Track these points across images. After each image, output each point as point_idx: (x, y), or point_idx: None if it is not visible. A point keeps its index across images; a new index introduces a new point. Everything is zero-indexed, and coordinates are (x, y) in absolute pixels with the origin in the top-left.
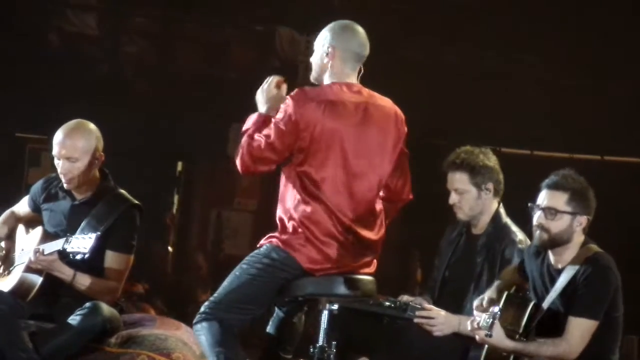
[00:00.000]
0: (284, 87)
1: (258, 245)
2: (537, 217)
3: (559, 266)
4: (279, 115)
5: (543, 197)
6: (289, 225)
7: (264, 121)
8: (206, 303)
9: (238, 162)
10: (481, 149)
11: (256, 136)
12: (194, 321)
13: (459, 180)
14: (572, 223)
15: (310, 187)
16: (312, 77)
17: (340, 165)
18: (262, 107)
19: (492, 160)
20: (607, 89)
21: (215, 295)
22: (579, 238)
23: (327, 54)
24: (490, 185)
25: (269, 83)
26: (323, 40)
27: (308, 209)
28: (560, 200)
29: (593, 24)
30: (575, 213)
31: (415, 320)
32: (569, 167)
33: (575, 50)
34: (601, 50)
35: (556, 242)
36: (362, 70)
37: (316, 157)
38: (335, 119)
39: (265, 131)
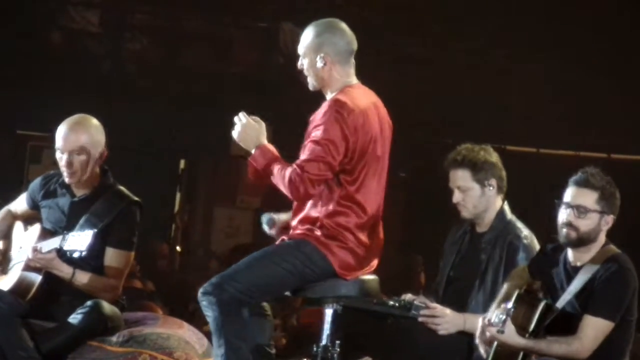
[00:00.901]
0: (254, 117)
1: (288, 237)
2: (565, 215)
3: (578, 264)
4: (325, 133)
5: (572, 195)
6: (325, 228)
7: (270, 151)
8: (219, 276)
9: (294, 193)
10: (482, 146)
11: (301, 162)
12: (203, 290)
13: (461, 178)
14: (600, 222)
15: (350, 194)
16: (313, 86)
17: (372, 169)
18: (255, 140)
19: (493, 157)
20: (615, 86)
21: (231, 271)
22: (603, 237)
23: (324, 65)
24: (493, 182)
25: (246, 119)
26: (311, 50)
27: (346, 217)
28: (590, 198)
29: (601, 23)
30: (603, 212)
31: (420, 319)
32: (593, 166)
33: (583, 49)
34: (609, 49)
35: (583, 240)
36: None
37: (357, 164)
38: (370, 124)
39: (313, 153)
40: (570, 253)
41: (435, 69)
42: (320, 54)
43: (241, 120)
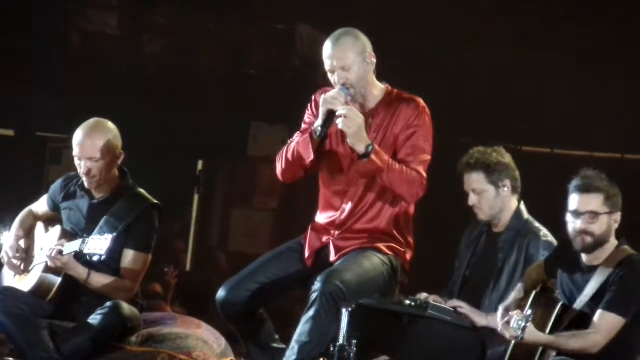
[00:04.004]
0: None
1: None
2: (578, 223)
3: (594, 263)
4: (427, 141)
5: (579, 202)
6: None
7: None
8: (343, 284)
9: (413, 196)
10: (494, 147)
11: (419, 167)
12: (327, 289)
13: (475, 180)
14: (610, 222)
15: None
16: (355, 96)
17: None
18: (365, 137)
19: (506, 158)
20: (627, 87)
21: (351, 279)
22: (613, 236)
23: (372, 64)
24: (507, 182)
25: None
26: (357, 54)
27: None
28: (597, 202)
29: (613, 23)
30: (611, 212)
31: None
32: (587, 167)
33: (595, 49)
34: (621, 49)
35: (600, 243)
36: None
37: None
38: None
39: (424, 162)
40: (583, 255)
41: (451, 69)
42: (366, 54)
43: (356, 114)
